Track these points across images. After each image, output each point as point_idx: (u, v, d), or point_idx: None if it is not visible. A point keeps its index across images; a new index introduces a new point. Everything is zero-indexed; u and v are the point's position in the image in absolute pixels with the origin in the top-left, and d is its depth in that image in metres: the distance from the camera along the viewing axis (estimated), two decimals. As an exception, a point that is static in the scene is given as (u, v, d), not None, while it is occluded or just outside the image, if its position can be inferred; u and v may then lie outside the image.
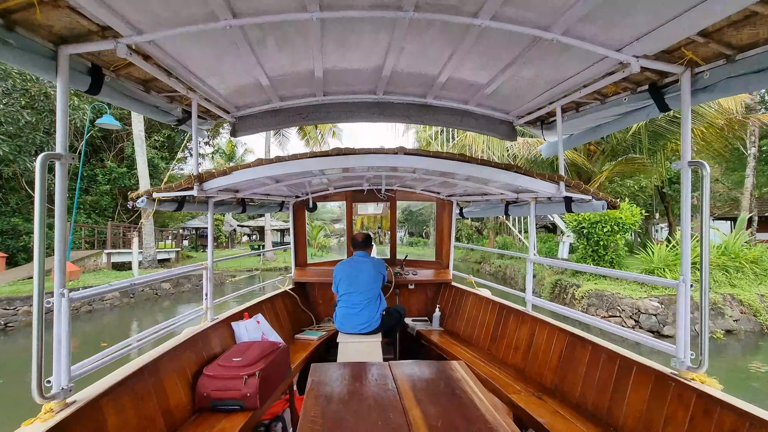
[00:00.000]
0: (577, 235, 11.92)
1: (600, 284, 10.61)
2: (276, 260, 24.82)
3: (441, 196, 4.53)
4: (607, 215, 10.84)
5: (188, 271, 2.97)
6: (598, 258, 11.48)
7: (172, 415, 2.22)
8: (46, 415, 1.61)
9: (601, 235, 11.18)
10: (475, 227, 32.99)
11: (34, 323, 1.55)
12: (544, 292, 12.56)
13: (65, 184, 1.67)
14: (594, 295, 10.17)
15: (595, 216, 11.08)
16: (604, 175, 14.07)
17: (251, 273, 20.97)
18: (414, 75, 2.60)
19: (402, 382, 2.06)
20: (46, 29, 1.60)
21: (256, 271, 21.58)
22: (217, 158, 34.70)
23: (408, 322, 4.33)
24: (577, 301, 10.47)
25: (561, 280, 12.37)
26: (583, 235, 11.60)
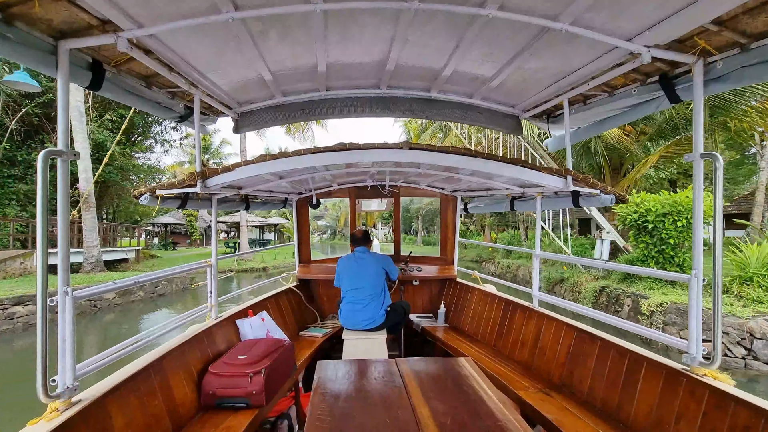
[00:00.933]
0: (637, 231, 9.41)
1: (671, 294, 8.20)
2: (253, 260, 23.05)
3: (445, 192, 4.49)
4: (680, 206, 8.64)
5: (192, 269, 2.94)
6: (664, 260, 9.03)
7: (178, 413, 2.21)
8: (51, 414, 1.59)
9: (671, 231, 8.68)
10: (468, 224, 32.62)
11: (38, 322, 1.53)
12: (583, 301, 10.21)
13: (67, 181, 1.65)
14: (672, 310, 7.53)
15: (664, 206, 8.78)
16: (655, 158, 12.09)
17: (223, 275, 18.46)
18: (418, 68, 2.56)
19: (409, 378, 2.03)
20: (46, 23, 1.57)
21: (230, 272, 19.70)
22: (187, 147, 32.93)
23: (413, 318, 4.31)
24: (645, 317, 8.01)
25: (608, 287, 9.84)
26: (646, 232, 9.14)
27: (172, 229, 37.44)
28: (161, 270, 2.43)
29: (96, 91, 1.94)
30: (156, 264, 20.42)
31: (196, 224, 33.58)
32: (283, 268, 19.13)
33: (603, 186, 2.57)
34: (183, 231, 36.40)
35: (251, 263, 22.24)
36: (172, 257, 24.47)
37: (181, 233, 36.90)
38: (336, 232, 47.30)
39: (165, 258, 23.79)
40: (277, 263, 23.41)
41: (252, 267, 21.61)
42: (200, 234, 33.26)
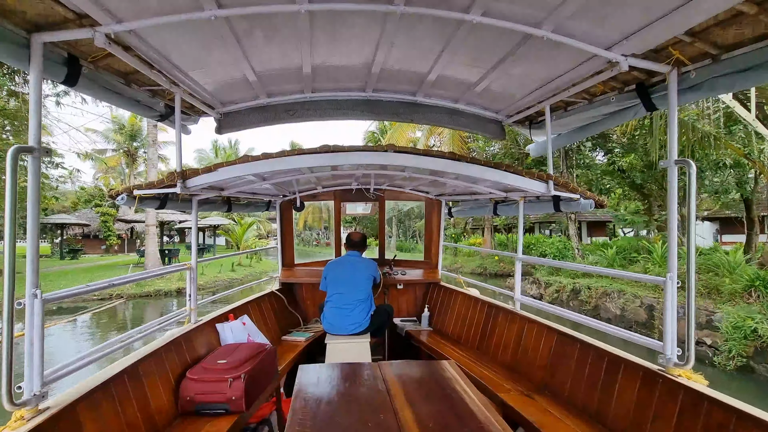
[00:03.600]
0: None
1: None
2: (166, 277, 15.75)
3: (430, 196, 4.51)
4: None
5: (170, 270, 2.87)
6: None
7: (154, 421, 2.14)
8: (16, 423, 1.52)
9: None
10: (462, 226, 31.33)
11: (4, 325, 1.47)
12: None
13: (38, 178, 1.59)
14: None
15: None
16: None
17: (108, 303, 13.11)
18: (404, 72, 2.57)
19: (392, 382, 2.02)
20: (19, 15, 1.52)
21: (118, 301, 13.77)
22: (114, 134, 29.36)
23: (397, 322, 4.30)
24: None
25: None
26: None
27: (81, 232, 29.74)
28: (140, 272, 2.36)
29: (72, 87, 1.88)
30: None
31: (114, 226, 26.22)
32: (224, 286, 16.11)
33: (582, 191, 2.62)
34: (94, 234, 28.58)
35: (160, 282, 15.31)
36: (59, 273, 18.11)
37: (91, 237, 29.28)
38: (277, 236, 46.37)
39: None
40: (210, 279, 17.32)
41: (160, 289, 15.03)
42: (118, 238, 25.98)
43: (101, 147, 33.43)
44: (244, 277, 19.67)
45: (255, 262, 24.39)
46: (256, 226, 36.07)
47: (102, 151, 33.74)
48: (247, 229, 25.16)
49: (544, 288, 13.96)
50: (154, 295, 14.95)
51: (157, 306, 14.18)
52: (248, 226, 24.68)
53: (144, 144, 34.05)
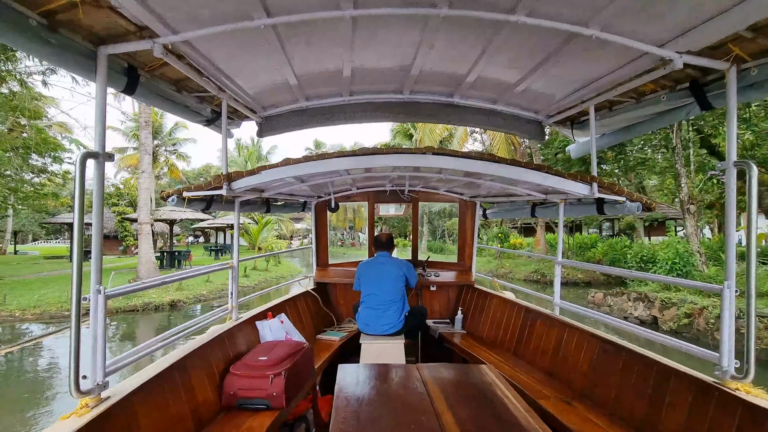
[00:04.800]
0: None
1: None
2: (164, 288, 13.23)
3: (464, 197, 4.47)
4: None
5: (214, 269, 2.98)
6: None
7: (200, 413, 2.23)
8: (82, 410, 1.63)
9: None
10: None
11: (72, 320, 1.57)
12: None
13: (102, 182, 1.69)
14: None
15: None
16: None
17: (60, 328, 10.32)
18: (442, 74, 2.56)
19: (431, 385, 2.02)
20: (87, 29, 1.62)
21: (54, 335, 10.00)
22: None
23: (429, 324, 4.29)
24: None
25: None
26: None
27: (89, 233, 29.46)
28: (187, 270, 2.47)
29: (130, 95, 1.99)
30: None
31: (131, 227, 24.56)
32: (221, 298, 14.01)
33: (629, 193, 2.52)
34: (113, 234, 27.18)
35: (153, 294, 12.74)
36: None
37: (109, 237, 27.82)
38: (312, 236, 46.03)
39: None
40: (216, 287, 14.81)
41: (149, 302, 12.30)
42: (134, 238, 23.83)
43: (122, 146, 33.25)
44: (256, 284, 17.09)
45: (273, 265, 21.92)
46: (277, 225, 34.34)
47: (122, 150, 33.40)
48: (264, 228, 22.38)
49: (661, 309, 10.14)
50: (141, 309, 12.05)
51: (145, 324, 11.36)
52: (264, 224, 21.99)
53: (165, 142, 34.51)
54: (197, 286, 14.70)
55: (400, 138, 28.29)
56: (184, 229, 36.35)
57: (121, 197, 29.77)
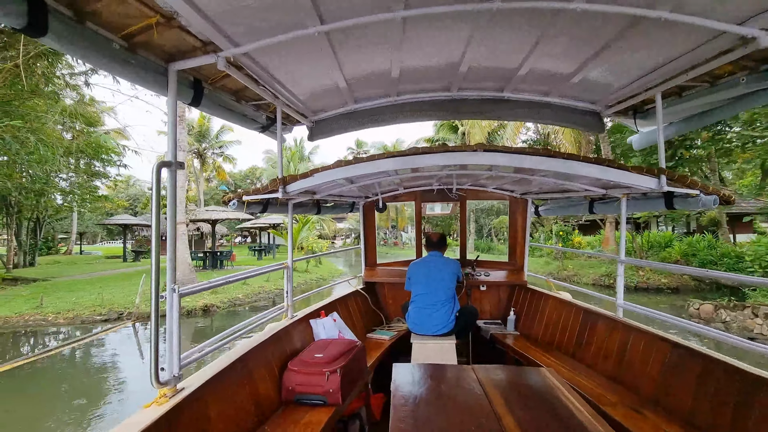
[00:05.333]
0: None
1: None
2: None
3: (515, 195, 4.33)
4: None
5: (270, 269, 3.11)
6: None
7: (262, 406, 2.34)
8: (161, 399, 1.76)
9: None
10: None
11: (152, 316, 1.71)
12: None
13: (175, 188, 1.83)
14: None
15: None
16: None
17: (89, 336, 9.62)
18: (492, 69, 2.50)
19: (489, 386, 1.98)
20: (159, 48, 1.76)
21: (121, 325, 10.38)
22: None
23: (480, 324, 4.21)
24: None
25: None
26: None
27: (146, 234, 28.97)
28: (246, 271, 2.60)
29: (196, 107, 2.13)
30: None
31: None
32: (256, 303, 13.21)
33: (704, 186, 2.32)
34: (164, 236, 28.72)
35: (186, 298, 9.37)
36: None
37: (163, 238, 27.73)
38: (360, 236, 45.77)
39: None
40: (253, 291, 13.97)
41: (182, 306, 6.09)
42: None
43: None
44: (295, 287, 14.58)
45: (313, 266, 20.95)
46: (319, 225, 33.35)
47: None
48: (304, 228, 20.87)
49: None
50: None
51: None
52: (304, 224, 20.50)
53: (212, 145, 36.14)
54: (233, 289, 13.91)
55: (445, 132, 27.75)
56: (231, 229, 37.23)
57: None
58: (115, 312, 11.08)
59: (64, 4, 1.36)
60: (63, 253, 32.59)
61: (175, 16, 1.53)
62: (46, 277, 17.51)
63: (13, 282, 15.93)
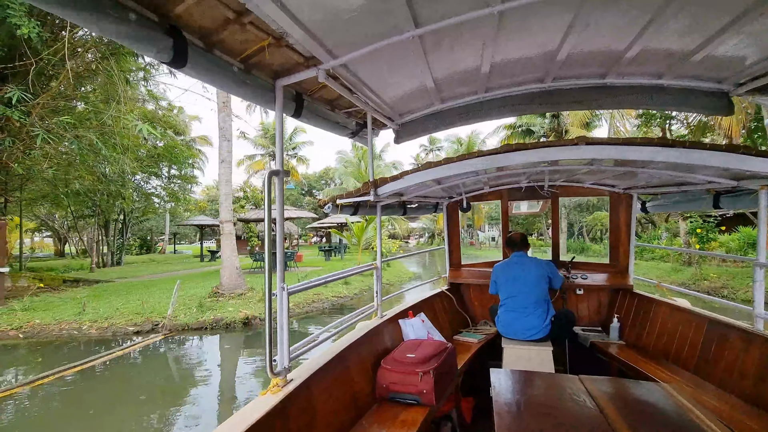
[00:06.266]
0: None
1: None
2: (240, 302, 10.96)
3: (616, 190, 3.94)
4: None
5: (362, 270, 3.22)
6: None
7: (359, 401, 2.43)
8: (274, 388, 1.92)
9: None
10: None
11: (266, 313, 1.87)
12: None
13: (282, 194, 1.98)
14: None
15: None
16: None
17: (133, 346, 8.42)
18: (594, 53, 2.30)
19: (602, 400, 1.82)
20: (268, 67, 1.93)
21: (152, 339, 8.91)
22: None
23: (577, 331, 3.90)
24: None
25: None
26: None
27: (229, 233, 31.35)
28: (341, 270, 2.73)
29: (297, 119, 2.29)
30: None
31: (256, 227, 23.78)
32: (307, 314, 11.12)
33: None
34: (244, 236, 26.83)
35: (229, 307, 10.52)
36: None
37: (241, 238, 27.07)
38: (434, 235, 42.17)
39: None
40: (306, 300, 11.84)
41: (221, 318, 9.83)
42: (259, 239, 23.50)
43: (251, 152, 38.18)
44: (356, 293, 14.03)
45: (386, 269, 18.50)
46: (389, 224, 32.57)
47: (252, 156, 38.13)
48: (368, 227, 18.94)
49: None
50: (210, 327, 9.57)
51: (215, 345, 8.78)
52: (369, 222, 18.61)
53: (285, 147, 36.73)
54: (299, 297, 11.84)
55: (528, 116, 26.20)
56: (302, 228, 38.66)
57: (247, 200, 33.07)
58: (151, 322, 9.67)
59: (198, 36, 1.56)
60: (158, 253, 35.64)
61: (284, 36, 1.66)
62: (115, 278, 17.10)
63: (74, 283, 15.15)
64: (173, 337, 9.28)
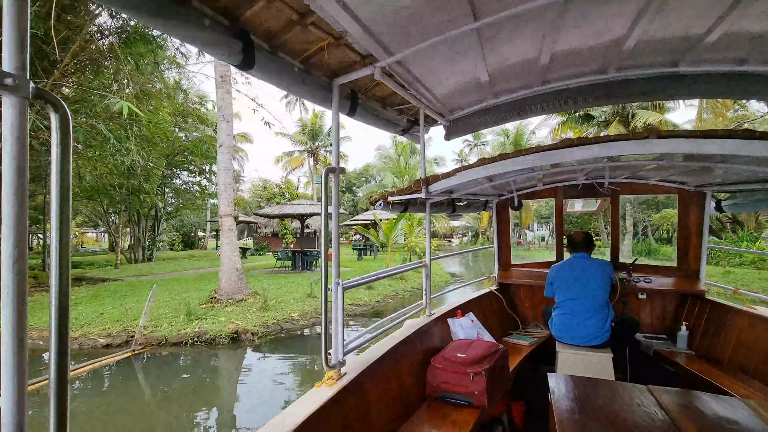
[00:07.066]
0: None
1: None
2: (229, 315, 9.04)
3: (687, 187, 3.64)
4: None
5: (411, 267, 3.21)
6: None
7: (409, 398, 2.43)
8: (329, 381, 1.97)
9: None
10: None
11: (323, 307, 1.91)
12: None
13: (338, 190, 2.02)
14: None
15: None
16: None
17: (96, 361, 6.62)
18: (667, 40, 2.13)
19: (677, 414, 1.68)
20: (327, 67, 1.97)
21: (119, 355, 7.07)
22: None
23: (639, 338, 3.65)
24: None
25: None
26: None
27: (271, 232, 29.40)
28: (393, 267, 2.74)
29: (351, 117, 2.33)
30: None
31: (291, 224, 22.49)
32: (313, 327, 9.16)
33: None
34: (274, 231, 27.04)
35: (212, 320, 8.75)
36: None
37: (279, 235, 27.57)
38: (478, 234, 40.50)
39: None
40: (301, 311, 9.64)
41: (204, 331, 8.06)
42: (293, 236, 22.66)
43: (290, 149, 38.74)
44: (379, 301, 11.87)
45: (415, 272, 15.14)
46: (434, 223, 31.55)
47: (290, 153, 38.62)
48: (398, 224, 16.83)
49: None
50: (191, 342, 7.82)
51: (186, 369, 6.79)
52: (399, 219, 16.42)
53: (324, 144, 37.13)
54: (287, 307, 9.82)
55: None
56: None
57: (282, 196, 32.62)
58: (128, 333, 7.97)
59: (264, 39, 1.62)
60: (200, 248, 36.01)
61: (344, 36, 1.69)
62: (134, 275, 16.12)
63: (77, 282, 13.85)
64: (143, 354, 7.38)
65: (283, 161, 39.61)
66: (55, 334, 0.76)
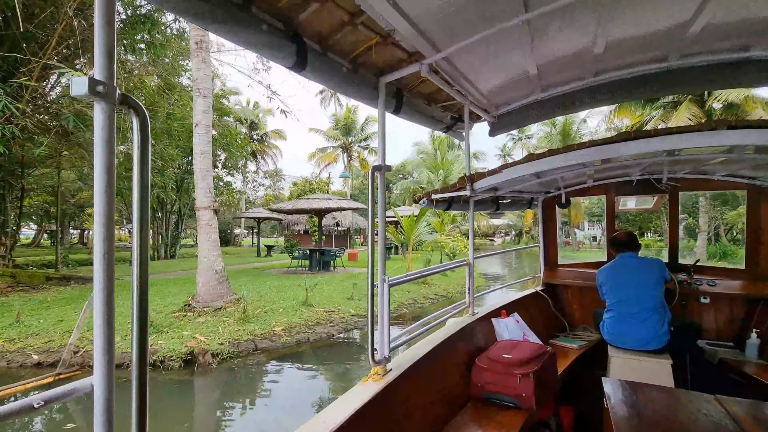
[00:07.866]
0: None
1: None
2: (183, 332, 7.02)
3: (757, 183, 3.34)
4: None
5: (452, 266, 3.18)
6: None
7: (453, 397, 2.41)
8: (375, 376, 1.99)
9: None
10: None
11: (368, 303, 1.94)
12: None
13: (383, 187, 2.03)
14: None
15: None
16: None
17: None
18: (738, 23, 1.97)
19: (752, 427, 1.56)
20: (373, 66, 1.99)
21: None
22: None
23: (702, 344, 3.41)
24: None
25: None
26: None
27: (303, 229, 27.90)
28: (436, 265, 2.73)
29: (396, 114, 2.34)
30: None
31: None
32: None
33: None
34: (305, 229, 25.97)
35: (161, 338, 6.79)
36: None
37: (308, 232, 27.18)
38: (522, 233, 39.02)
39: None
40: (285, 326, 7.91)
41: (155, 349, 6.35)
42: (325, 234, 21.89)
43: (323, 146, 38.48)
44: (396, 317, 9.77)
45: (441, 276, 14.66)
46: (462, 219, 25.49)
47: (324, 149, 38.24)
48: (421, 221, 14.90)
49: None
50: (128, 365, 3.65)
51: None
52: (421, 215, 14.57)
53: (357, 139, 36.38)
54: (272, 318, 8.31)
55: None
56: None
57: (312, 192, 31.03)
58: (71, 350, 6.13)
59: (315, 41, 1.67)
60: (235, 245, 35.75)
61: (392, 34, 1.70)
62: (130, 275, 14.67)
63: (64, 282, 12.58)
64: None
65: (316, 157, 39.52)
66: (136, 326, 0.82)
